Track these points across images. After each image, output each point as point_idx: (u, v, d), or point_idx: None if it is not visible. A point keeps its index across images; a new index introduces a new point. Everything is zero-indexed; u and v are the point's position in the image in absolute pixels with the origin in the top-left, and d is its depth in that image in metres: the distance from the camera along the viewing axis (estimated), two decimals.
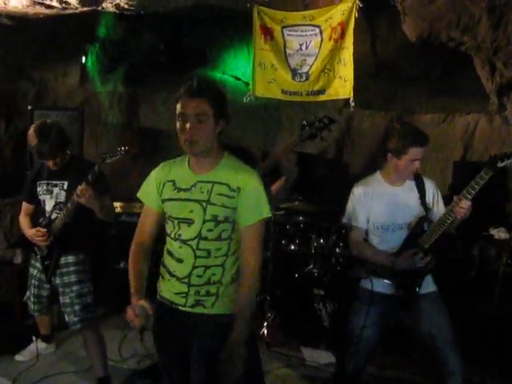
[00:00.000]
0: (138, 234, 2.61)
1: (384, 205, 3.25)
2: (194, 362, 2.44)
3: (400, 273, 3.18)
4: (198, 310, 2.42)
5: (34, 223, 3.81)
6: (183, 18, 7.06)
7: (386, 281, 3.23)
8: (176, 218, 2.44)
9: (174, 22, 7.28)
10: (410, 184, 3.30)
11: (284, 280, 5.03)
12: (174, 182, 2.48)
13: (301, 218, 5.26)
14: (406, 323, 3.35)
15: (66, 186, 3.70)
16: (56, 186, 3.73)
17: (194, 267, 2.40)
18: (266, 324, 4.82)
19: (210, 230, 2.38)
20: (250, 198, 2.38)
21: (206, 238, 2.39)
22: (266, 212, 2.41)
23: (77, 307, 3.68)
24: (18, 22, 5.82)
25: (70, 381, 4.09)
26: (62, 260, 3.72)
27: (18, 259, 5.09)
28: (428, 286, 3.25)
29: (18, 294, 4.40)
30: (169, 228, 2.50)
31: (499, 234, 4.83)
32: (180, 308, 2.45)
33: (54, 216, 3.70)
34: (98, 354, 3.79)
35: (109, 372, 3.85)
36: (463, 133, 6.10)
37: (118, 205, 5.50)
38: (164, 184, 2.50)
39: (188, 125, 2.30)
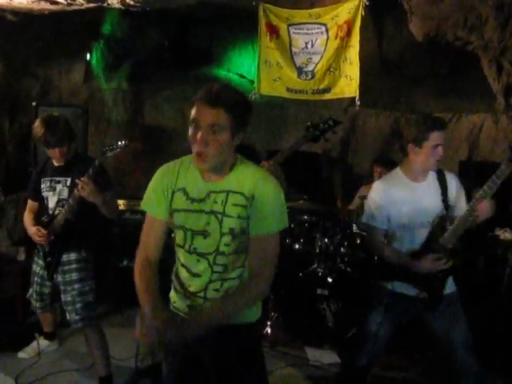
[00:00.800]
0: (143, 247, 2.36)
1: (405, 203, 3.12)
2: (209, 374, 2.30)
3: (423, 275, 3.07)
4: None
5: (38, 221, 3.79)
6: (188, 15, 7.05)
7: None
8: (189, 230, 2.25)
9: (179, 20, 7.28)
10: (432, 179, 3.18)
11: (288, 279, 5.00)
12: (184, 190, 2.26)
13: (305, 217, 5.24)
14: (424, 323, 3.25)
15: (68, 183, 3.68)
16: (59, 182, 3.71)
17: (211, 281, 2.27)
18: (269, 323, 4.81)
19: (227, 245, 2.21)
20: (266, 206, 2.17)
21: (223, 253, 2.23)
22: (282, 223, 2.22)
23: (78, 305, 3.66)
24: (22, 18, 5.82)
25: (73, 379, 4.08)
26: (64, 257, 3.70)
27: (22, 256, 5.09)
28: (449, 286, 3.15)
29: (21, 291, 4.38)
30: (180, 238, 2.30)
31: (505, 234, 4.80)
32: None
33: (56, 212, 3.69)
34: (99, 352, 3.77)
35: (111, 371, 3.83)
36: (469, 133, 6.06)
37: (121, 202, 5.48)
38: (174, 192, 2.27)
39: (199, 135, 2.07)
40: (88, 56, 7.07)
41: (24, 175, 4.06)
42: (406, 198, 3.12)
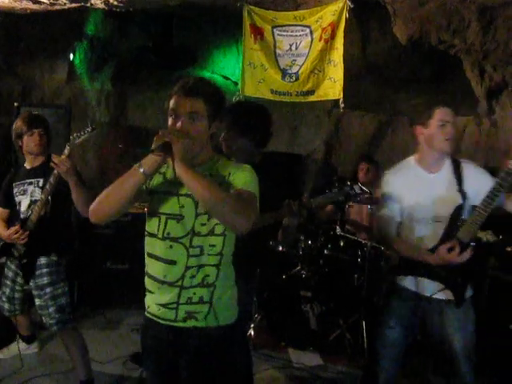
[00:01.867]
0: None
1: (419, 195, 2.97)
2: (185, 378, 2.33)
3: (439, 270, 2.89)
4: (190, 323, 2.27)
5: (9, 227, 3.71)
6: (173, 16, 7.02)
7: (429, 282, 2.95)
8: (164, 214, 2.28)
9: (163, 21, 7.24)
10: (447, 170, 2.99)
11: (271, 281, 5.01)
12: (164, 174, 2.34)
13: None
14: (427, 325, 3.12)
15: (41, 183, 3.63)
16: (31, 184, 3.67)
17: (188, 268, 2.25)
18: (252, 325, 4.80)
19: (203, 225, 2.23)
20: (241, 176, 2.24)
21: (199, 234, 2.23)
22: (256, 191, 2.25)
23: (51, 309, 3.61)
24: (4, 17, 5.76)
25: (54, 383, 4.03)
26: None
27: None
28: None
29: None
30: (153, 226, 2.31)
31: (487, 236, 4.83)
32: (171, 324, 2.29)
33: (29, 214, 3.63)
34: (78, 355, 3.72)
35: (92, 374, 3.78)
36: None
37: None
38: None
39: (179, 123, 2.20)
40: (71, 56, 7.00)
41: (5, 176, 4.01)
42: (419, 190, 2.98)
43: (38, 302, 3.66)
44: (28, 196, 3.66)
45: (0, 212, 3.87)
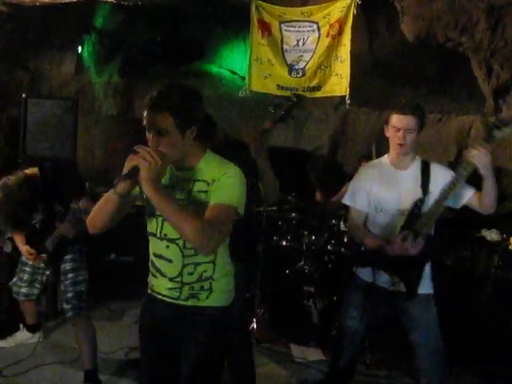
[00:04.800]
0: None
1: (386, 188, 3.14)
2: (185, 354, 2.42)
3: (398, 262, 3.01)
4: (192, 302, 2.39)
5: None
6: (181, 10, 7.02)
7: (383, 273, 3.09)
8: (160, 216, 2.34)
9: (171, 15, 7.25)
10: (415, 169, 3.14)
11: (275, 276, 5.03)
12: None
13: (293, 215, 5.26)
14: (391, 320, 3.25)
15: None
16: None
17: (184, 265, 2.36)
18: (255, 319, 4.82)
19: None
20: (223, 186, 2.25)
21: None
22: (236, 202, 2.25)
23: (70, 294, 3.69)
24: (14, 9, 5.77)
25: (57, 372, 4.07)
26: None
27: (9, 247, 5.05)
28: (424, 286, 3.09)
29: (7, 282, 4.37)
30: (152, 226, 2.41)
31: (491, 235, 4.83)
32: (174, 301, 2.41)
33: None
34: (87, 344, 3.77)
35: (97, 364, 3.82)
36: (458, 134, 6.10)
37: None
38: None
39: (150, 137, 2.22)
40: (79, 49, 7.03)
41: (12, 167, 4.04)
42: (386, 183, 3.15)
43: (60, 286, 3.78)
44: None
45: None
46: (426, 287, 3.10)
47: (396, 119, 3.05)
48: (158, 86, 2.28)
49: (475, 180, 2.97)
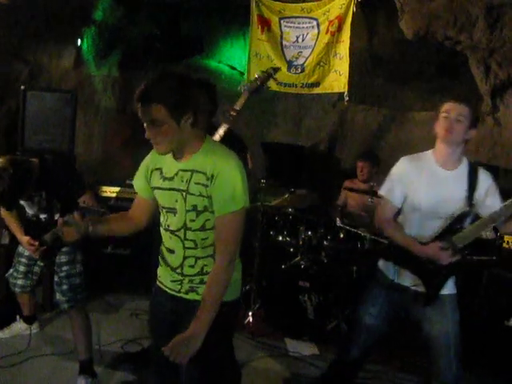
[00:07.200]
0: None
1: (429, 187, 2.93)
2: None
3: (422, 265, 2.92)
4: (191, 296, 2.44)
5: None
6: (181, 5, 7.03)
7: (408, 272, 2.99)
8: (164, 208, 2.44)
9: (171, 9, 7.25)
10: (462, 171, 2.95)
11: (270, 270, 5.05)
12: (161, 170, 2.44)
13: (290, 210, 5.28)
14: (412, 320, 3.13)
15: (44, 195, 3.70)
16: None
17: (185, 257, 2.41)
18: (251, 313, 4.85)
19: (192, 220, 2.34)
20: (224, 186, 2.26)
21: (190, 229, 2.36)
22: (241, 202, 2.29)
23: (65, 287, 3.69)
24: (13, 1, 5.77)
25: (53, 363, 4.09)
26: None
27: (6, 240, 5.06)
28: (448, 287, 2.99)
29: (4, 274, 4.38)
30: (161, 218, 2.50)
31: (486, 233, 4.85)
32: (175, 294, 2.48)
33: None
34: (83, 336, 3.78)
35: (92, 355, 3.84)
36: None
37: (108, 190, 5.48)
38: (152, 171, 2.49)
39: (146, 127, 2.26)
40: (79, 41, 7.02)
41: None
42: (428, 182, 2.95)
43: (55, 278, 3.75)
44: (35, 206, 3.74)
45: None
46: (450, 288, 3.01)
47: (447, 106, 2.89)
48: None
49: None
